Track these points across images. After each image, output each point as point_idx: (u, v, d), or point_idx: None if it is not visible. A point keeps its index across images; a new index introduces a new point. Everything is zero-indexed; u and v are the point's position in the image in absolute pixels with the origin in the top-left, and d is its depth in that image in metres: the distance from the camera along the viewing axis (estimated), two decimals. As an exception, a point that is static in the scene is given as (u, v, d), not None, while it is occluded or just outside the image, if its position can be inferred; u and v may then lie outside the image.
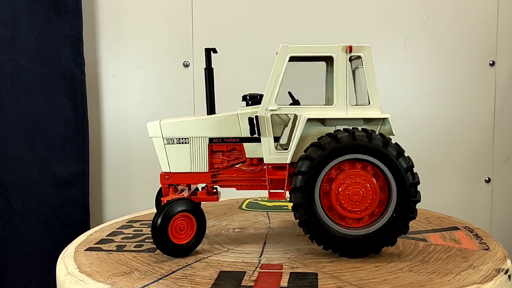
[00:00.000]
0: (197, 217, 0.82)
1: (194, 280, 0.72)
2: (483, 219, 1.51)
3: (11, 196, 1.43)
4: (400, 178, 0.76)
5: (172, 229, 0.80)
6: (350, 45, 0.82)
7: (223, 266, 0.77)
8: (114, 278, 0.74)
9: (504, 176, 1.50)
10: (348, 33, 1.49)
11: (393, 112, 1.52)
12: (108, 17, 1.50)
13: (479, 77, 1.48)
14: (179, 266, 0.78)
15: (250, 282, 0.70)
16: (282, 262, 0.78)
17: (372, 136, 0.76)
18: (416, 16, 1.48)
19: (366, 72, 0.82)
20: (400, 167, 0.76)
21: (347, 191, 0.77)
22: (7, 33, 1.40)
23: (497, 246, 0.84)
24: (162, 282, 0.72)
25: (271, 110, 0.82)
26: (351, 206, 0.78)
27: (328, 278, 0.71)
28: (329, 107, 0.81)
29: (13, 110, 1.42)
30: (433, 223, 1.01)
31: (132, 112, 1.52)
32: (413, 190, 0.77)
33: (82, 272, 0.77)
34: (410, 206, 0.77)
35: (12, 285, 1.46)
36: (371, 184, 0.78)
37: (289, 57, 0.81)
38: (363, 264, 0.77)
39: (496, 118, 1.49)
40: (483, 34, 1.47)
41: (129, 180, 1.53)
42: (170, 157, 0.87)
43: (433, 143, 1.50)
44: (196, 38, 1.49)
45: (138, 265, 0.80)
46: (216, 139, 0.86)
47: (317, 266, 0.76)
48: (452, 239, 0.88)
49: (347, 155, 0.76)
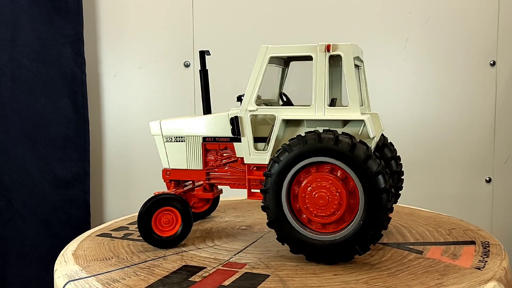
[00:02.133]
0: (181, 212, 0.85)
1: (153, 271, 0.75)
2: (483, 219, 1.51)
3: (12, 196, 1.43)
4: (368, 183, 0.71)
5: (157, 222, 0.84)
6: (329, 44, 0.78)
7: (192, 260, 0.79)
8: (92, 262, 0.80)
9: (504, 176, 1.50)
10: (349, 34, 1.49)
11: (394, 112, 1.53)
12: (109, 17, 1.50)
13: (479, 77, 1.48)
14: (155, 257, 0.81)
15: (199, 277, 0.72)
16: (249, 262, 0.78)
17: (339, 138, 0.72)
18: (417, 16, 1.48)
19: (345, 71, 0.77)
20: (368, 171, 0.71)
21: (312, 195, 0.74)
22: (8, 33, 1.40)
23: (495, 267, 0.74)
24: (126, 270, 0.76)
25: (250, 110, 0.82)
26: (317, 210, 0.74)
27: (274, 282, 0.70)
28: (307, 108, 0.79)
29: (13, 110, 1.42)
30: (453, 234, 0.90)
31: (132, 112, 1.52)
32: (381, 197, 0.71)
33: (74, 254, 0.83)
34: (379, 214, 0.71)
35: (12, 285, 1.46)
36: (338, 189, 0.73)
37: (269, 57, 0.80)
38: (325, 271, 0.73)
39: (496, 118, 1.49)
40: (484, 34, 1.47)
41: (129, 180, 1.53)
42: (169, 154, 0.92)
43: (433, 143, 1.50)
44: (196, 38, 1.49)
45: (122, 253, 0.84)
46: (209, 138, 0.88)
47: (277, 269, 0.75)
48: (452, 254, 0.79)
49: (313, 158, 0.73)
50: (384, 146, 0.91)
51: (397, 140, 0.96)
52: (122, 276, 0.74)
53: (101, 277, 0.74)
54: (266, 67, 0.80)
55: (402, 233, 0.91)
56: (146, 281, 0.71)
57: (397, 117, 1.50)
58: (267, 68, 0.81)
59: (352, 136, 0.73)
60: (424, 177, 1.49)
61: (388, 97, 1.51)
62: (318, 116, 0.77)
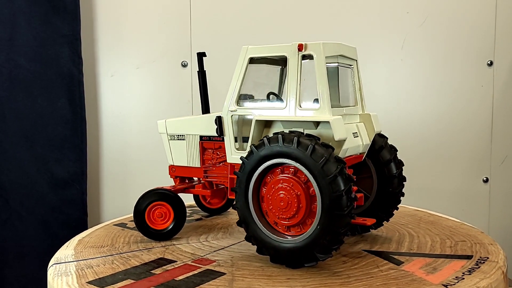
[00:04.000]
0: (173, 207, 0.87)
1: (129, 261, 0.79)
2: (481, 218, 1.51)
3: (9, 196, 1.43)
4: (324, 187, 0.68)
5: (150, 215, 0.88)
6: (300, 43, 0.76)
7: (171, 254, 0.82)
8: (88, 248, 0.86)
9: (502, 176, 1.50)
10: (347, 34, 1.50)
11: (391, 112, 1.53)
12: (106, 17, 1.50)
13: (477, 77, 1.48)
14: (143, 248, 0.85)
15: (162, 270, 0.75)
16: (220, 259, 0.79)
17: (299, 140, 0.70)
18: (414, 16, 1.48)
19: (316, 71, 0.75)
20: (325, 174, 0.68)
21: (275, 197, 0.73)
22: (6, 33, 1.40)
23: (467, 286, 0.67)
24: (108, 258, 0.81)
25: (231, 111, 0.82)
26: (279, 213, 0.73)
27: (223, 281, 0.70)
28: (281, 108, 0.78)
29: (11, 110, 1.42)
30: (456, 247, 0.83)
31: (130, 112, 1.52)
32: (338, 202, 0.68)
33: (80, 240, 0.91)
34: (336, 219, 0.68)
35: (10, 285, 1.46)
36: (298, 191, 0.71)
37: (249, 58, 0.80)
38: (282, 274, 0.72)
39: (494, 118, 1.49)
40: (481, 34, 1.47)
41: (127, 180, 1.53)
42: (173, 151, 0.95)
43: (430, 143, 1.50)
44: (194, 38, 1.49)
45: (119, 242, 0.89)
46: (205, 137, 0.90)
47: (238, 269, 0.75)
48: (432, 268, 0.74)
49: (275, 160, 0.72)
50: (382, 149, 0.86)
51: (394, 140, 0.95)
52: (99, 263, 0.79)
53: (82, 262, 0.79)
54: (246, 68, 0.81)
55: (400, 241, 0.86)
56: (114, 269, 0.76)
57: (394, 116, 1.50)
58: (247, 69, 0.81)
59: (316, 138, 0.71)
60: (421, 177, 1.49)
61: (385, 96, 1.51)
62: (290, 117, 0.76)
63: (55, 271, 0.76)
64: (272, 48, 0.79)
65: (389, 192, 0.86)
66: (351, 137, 0.78)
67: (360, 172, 0.86)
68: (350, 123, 0.81)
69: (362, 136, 0.82)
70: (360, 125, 0.83)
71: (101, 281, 0.71)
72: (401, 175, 0.87)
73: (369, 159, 0.86)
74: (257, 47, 0.80)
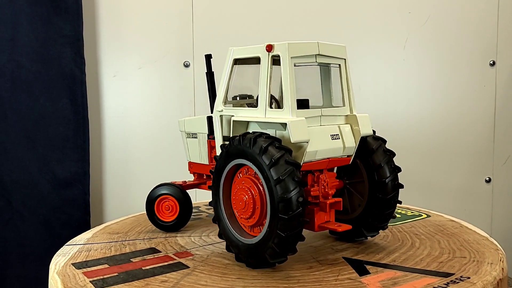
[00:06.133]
0: (178, 201, 0.92)
1: (122, 249, 0.84)
2: (483, 219, 1.51)
3: (12, 197, 1.43)
4: (271, 189, 0.67)
5: (159, 207, 0.93)
6: (269, 44, 0.75)
7: (163, 245, 0.86)
8: (105, 234, 0.93)
9: (504, 176, 1.50)
10: (349, 33, 1.50)
11: (393, 112, 1.53)
12: (109, 18, 1.50)
13: (479, 77, 1.48)
14: (145, 238, 0.90)
15: (140, 259, 0.79)
16: (198, 254, 0.81)
17: (256, 141, 0.70)
18: (417, 16, 1.48)
19: (282, 71, 0.74)
20: (270, 178, 0.67)
21: (237, 196, 0.73)
22: (7, 33, 1.40)
23: None
24: (111, 244, 0.87)
25: (218, 111, 0.83)
26: (240, 212, 0.73)
27: (181, 274, 0.73)
28: (255, 109, 0.77)
29: (13, 110, 1.42)
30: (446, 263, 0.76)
31: (132, 112, 1.52)
32: (284, 205, 0.66)
33: (105, 226, 0.99)
34: (281, 223, 0.67)
35: (12, 285, 1.46)
36: (255, 192, 0.71)
37: (233, 59, 0.81)
38: (237, 273, 0.73)
39: (496, 118, 1.49)
40: (484, 34, 1.47)
41: (129, 180, 1.53)
42: (189, 149, 0.98)
43: (433, 143, 1.50)
44: (196, 39, 1.49)
45: (134, 231, 0.95)
46: (211, 136, 0.91)
47: (205, 264, 0.77)
48: (392, 283, 0.69)
49: (237, 160, 0.73)
50: (373, 152, 0.80)
51: (396, 140, 0.95)
52: (99, 248, 0.85)
53: (87, 246, 0.86)
54: (231, 69, 0.81)
55: (393, 251, 0.81)
56: (104, 254, 0.82)
57: (396, 116, 1.50)
58: (233, 70, 0.81)
59: (276, 139, 0.70)
60: (424, 177, 1.49)
61: (387, 97, 1.51)
62: (260, 118, 0.76)
63: (61, 251, 0.84)
64: (251, 49, 0.79)
65: (380, 199, 0.79)
66: (325, 139, 0.76)
67: (354, 176, 0.83)
68: (329, 124, 0.78)
69: (344, 138, 0.78)
70: (345, 126, 0.79)
71: (83, 264, 0.78)
72: (396, 181, 0.80)
73: (361, 163, 0.81)
74: (240, 48, 0.80)
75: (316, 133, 0.75)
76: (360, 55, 1.50)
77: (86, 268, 0.76)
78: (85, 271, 0.75)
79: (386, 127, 0.92)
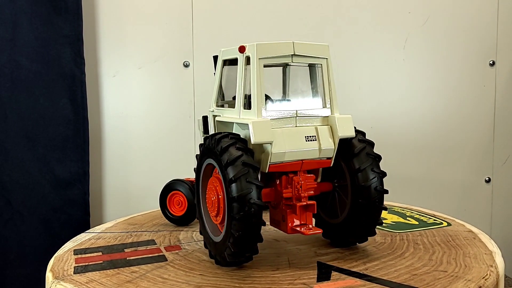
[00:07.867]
0: (188, 198, 0.97)
1: (128, 238, 0.90)
2: (483, 219, 1.51)
3: (11, 196, 1.43)
4: (226, 189, 0.68)
5: (171, 202, 0.99)
6: (241, 45, 0.75)
7: (163, 237, 0.91)
8: (124, 224, 1.00)
9: (504, 176, 1.51)
10: (349, 33, 1.50)
11: (392, 112, 1.53)
12: (108, 17, 1.50)
13: (479, 77, 1.48)
14: (154, 230, 0.96)
15: (133, 250, 0.84)
16: (186, 249, 0.84)
17: (218, 140, 0.70)
18: (416, 16, 1.48)
19: (251, 72, 0.73)
20: (226, 177, 0.67)
21: (208, 195, 0.74)
22: (7, 33, 1.40)
23: None
24: (120, 234, 0.93)
25: (210, 111, 0.85)
26: (210, 210, 0.74)
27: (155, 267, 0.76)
28: (233, 110, 0.78)
29: (13, 110, 1.42)
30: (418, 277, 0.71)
31: (132, 112, 1.52)
32: (236, 205, 0.66)
33: (131, 217, 1.06)
34: (231, 223, 0.67)
35: (12, 286, 1.46)
36: (219, 192, 0.71)
37: (222, 60, 0.81)
38: (202, 269, 0.74)
39: (496, 118, 1.49)
40: (483, 34, 1.47)
41: (129, 180, 1.53)
42: None
43: (433, 143, 1.50)
44: (196, 38, 1.49)
45: (153, 223, 1.02)
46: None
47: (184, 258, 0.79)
48: None
49: (208, 159, 0.74)
50: (354, 156, 0.77)
51: (395, 140, 0.95)
52: (109, 237, 0.91)
53: (101, 234, 0.93)
54: (222, 69, 0.82)
55: (372, 259, 0.78)
56: (108, 243, 0.87)
57: (396, 117, 1.50)
58: (223, 70, 0.82)
59: (238, 140, 0.70)
60: (423, 177, 1.49)
61: (387, 97, 1.51)
62: (235, 119, 0.77)
63: (77, 237, 0.91)
64: (232, 50, 0.79)
65: (361, 204, 0.76)
66: (297, 141, 0.74)
67: (341, 179, 0.80)
68: (305, 125, 0.76)
69: (321, 140, 0.75)
70: (323, 128, 0.76)
71: (82, 250, 0.84)
72: (378, 185, 0.76)
73: (346, 166, 0.79)
74: (227, 49, 0.81)
75: (286, 134, 0.73)
76: (360, 55, 1.50)
77: (82, 255, 0.81)
78: (78, 257, 0.80)
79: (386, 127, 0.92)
